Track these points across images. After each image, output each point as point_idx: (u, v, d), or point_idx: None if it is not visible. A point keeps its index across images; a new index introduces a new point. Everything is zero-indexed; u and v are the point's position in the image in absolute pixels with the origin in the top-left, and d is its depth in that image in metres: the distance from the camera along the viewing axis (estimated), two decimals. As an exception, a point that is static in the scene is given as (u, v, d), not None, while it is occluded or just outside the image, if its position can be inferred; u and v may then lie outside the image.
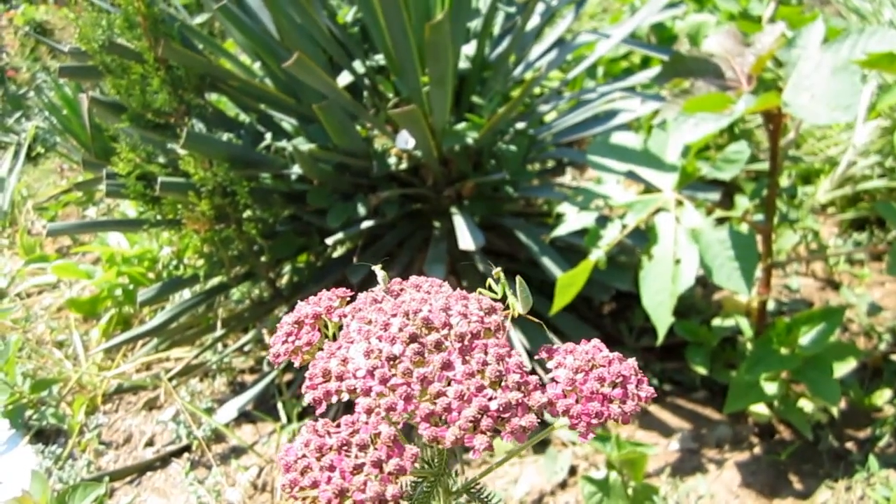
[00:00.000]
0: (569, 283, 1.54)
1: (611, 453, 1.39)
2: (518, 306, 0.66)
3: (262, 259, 1.87)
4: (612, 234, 1.64)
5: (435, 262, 1.79)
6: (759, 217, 2.05)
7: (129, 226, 2.09)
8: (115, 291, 2.45)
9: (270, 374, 2.01)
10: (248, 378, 2.16)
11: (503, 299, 0.66)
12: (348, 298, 0.66)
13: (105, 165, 1.85)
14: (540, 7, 2.06)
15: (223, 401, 2.05)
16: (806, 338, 1.56)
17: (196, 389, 2.12)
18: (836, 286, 2.17)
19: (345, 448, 0.51)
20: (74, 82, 3.43)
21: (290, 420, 1.92)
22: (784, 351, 1.58)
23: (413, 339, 0.55)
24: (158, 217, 1.82)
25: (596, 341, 0.59)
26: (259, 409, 2.00)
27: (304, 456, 0.52)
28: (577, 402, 0.55)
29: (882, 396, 1.72)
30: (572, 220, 1.67)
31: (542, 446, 1.73)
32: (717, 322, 1.89)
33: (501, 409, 0.52)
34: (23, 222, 3.28)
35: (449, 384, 0.53)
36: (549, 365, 0.59)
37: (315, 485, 0.50)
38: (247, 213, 1.81)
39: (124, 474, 1.92)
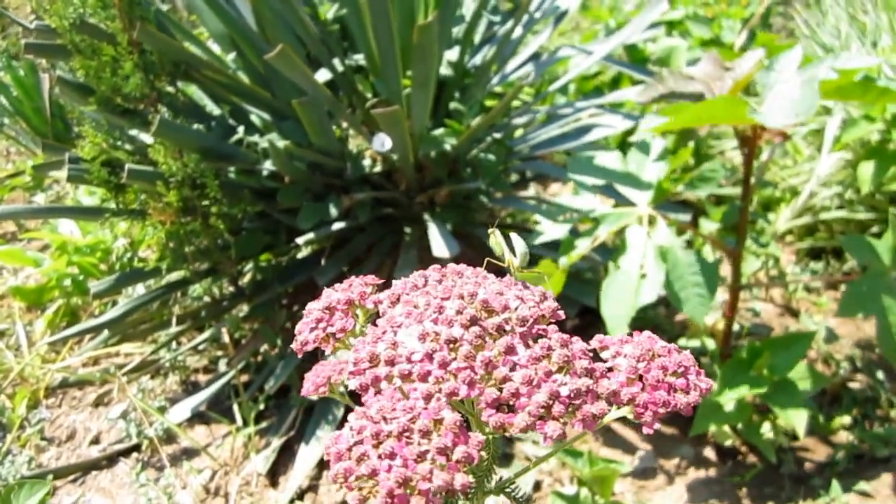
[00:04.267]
0: (544, 295, 1.52)
1: (582, 469, 1.38)
2: (515, 261, 0.65)
3: (228, 255, 1.81)
4: (583, 245, 1.64)
5: (405, 269, 1.76)
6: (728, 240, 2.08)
7: (90, 214, 2.01)
8: (63, 281, 2.35)
9: (227, 374, 1.95)
10: (202, 378, 2.09)
11: (500, 257, 0.66)
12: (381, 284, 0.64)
13: (67, 149, 1.77)
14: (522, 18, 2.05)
15: (175, 400, 1.98)
16: (775, 361, 1.58)
17: (147, 387, 2.04)
18: (794, 313, 2.21)
19: (406, 434, 0.48)
20: (27, 64, 3.31)
21: (245, 423, 1.86)
22: (753, 373, 1.59)
23: (473, 321, 0.53)
24: (121, 206, 1.75)
25: (649, 332, 0.58)
26: (213, 409, 1.94)
27: (358, 443, 0.48)
28: (642, 390, 0.53)
29: (841, 422, 1.75)
30: (548, 231, 1.66)
31: (505, 460, 1.71)
32: (682, 342, 1.90)
33: (572, 395, 0.50)
34: (-35, 205, 3.14)
35: (514, 369, 0.51)
36: (605, 355, 0.57)
37: (374, 473, 0.46)
38: (214, 209, 1.75)
39: (68, 472, 1.84)
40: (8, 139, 3.68)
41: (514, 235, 0.66)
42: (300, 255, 2.08)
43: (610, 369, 0.55)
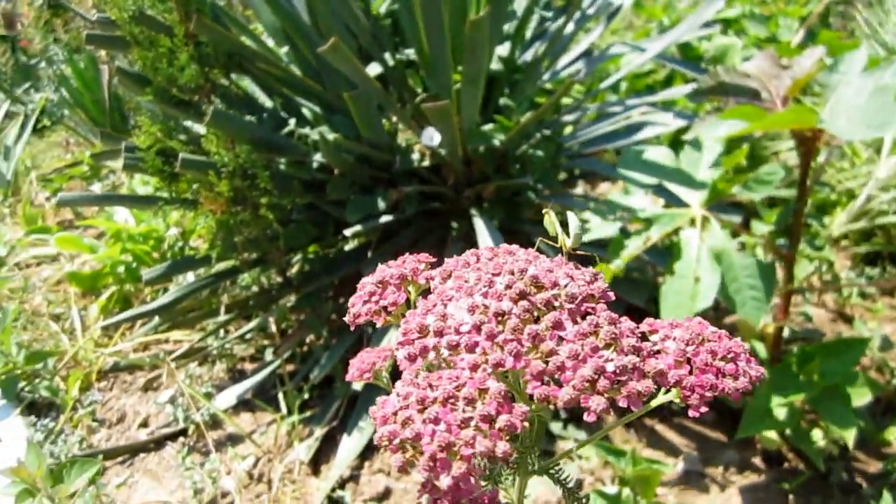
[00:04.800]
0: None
1: (625, 469, 1.36)
2: (568, 241, 0.64)
3: (276, 246, 1.83)
4: (634, 246, 1.62)
5: (451, 263, 1.76)
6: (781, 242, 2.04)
7: (144, 202, 2.05)
8: (117, 268, 2.41)
9: (272, 363, 1.97)
10: (249, 366, 2.12)
11: (555, 238, 0.65)
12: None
13: (123, 138, 1.82)
14: (574, 14, 2.04)
15: (222, 387, 2.01)
16: (826, 367, 1.54)
17: (195, 373, 2.08)
18: (847, 319, 2.15)
19: (451, 401, 0.48)
20: (88, 56, 3.40)
21: (290, 412, 1.88)
22: (803, 378, 1.55)
23: (522, 296, 0.53)
24: (174, 195, 1.79)
25: (699, 318, 0.57)
26: (259, 397, 1.97)
27: (404, 408, 0.49)
28: (690, 373, 0.53)
29: (894, 432, 1.70)
30: (597, 228, 1.65)
31: (546, 457, 1.70)
32: (730, 345, 1.86)
33: (618, 371, 0.50)
34: (26, 193, 3.24)
35: (560, 343, 0.51)
36: (654, 338, 0.56)
37: (418, 437, 0.47)
38: (264, 199, 1.78)
39: (116, 454, 1.88)
40: (67, 130, 3.79)
41: (570, 214, 0.66)
42: (347, 248, 2.10)
43: (658, 351, 0.55)
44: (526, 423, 0.47)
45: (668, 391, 0.54)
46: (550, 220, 0.65)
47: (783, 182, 2.39)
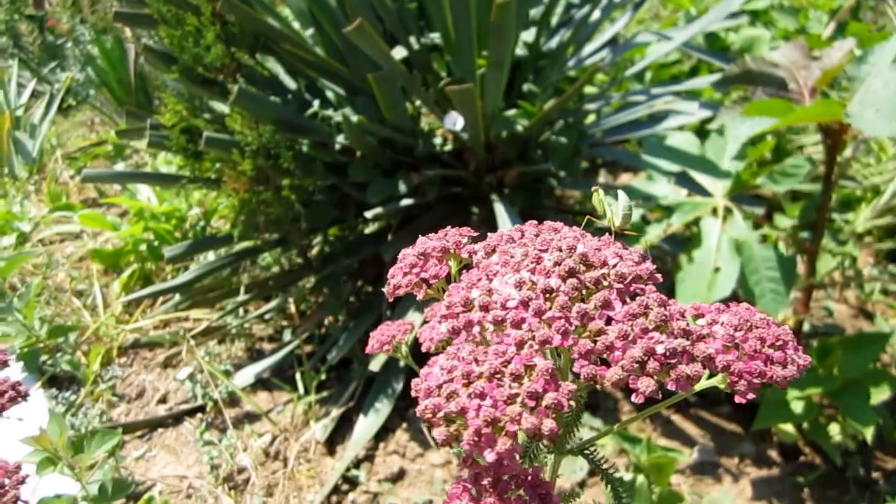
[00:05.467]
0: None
1: (640, 455, 1.36)
2: (616, 220, 0.63)
3: (298, 226, 1.84)
4: (654, 233, 1.61)
5: (471, 248, 1.76)
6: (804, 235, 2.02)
7: (167, 180, 2.07)
8: (139, 246, 2.43)
9: (291, 343, 1.99)
10: (267, 346, 2.13)
11: (601, 217, 0.63)
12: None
13: (148, 116, 1.83)
14: (601, 2, 2.02)
15: (240, 366, 2.03)
16: (846, 361, 1.53)
17: (214, 352, 2.10)
18: (868, 315, 2.13)
19: (497, 377, 0.48)
20: (114, 37, 3.42)
21: (307, 391, 1.90)
22: (822, 372, 1.54)
23: (571, 273, 0.52)
24: (197, 174, 1.80)
25: (747, 304, 0.56)
26: (276, 377, 1.98)
27: (448, 381, 0.48)
28: (738, 359, 0.52)
29: (913, 430, 1.69)
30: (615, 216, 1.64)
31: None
32: (749, 338, 1.86)
33: (668, 354, 0.49)
34: (51, 170, 3.27)
35: (609, 323, 0.50)
36: (700, 322, 0.55)
37: (463, 411, 0.46)
38: (286, 180, 1.78)
39: (135, 428, 1.91)
40: (93, 109, 3.82)
41: (620, 192, 0.64)
42: (367, 231, 2.10)
43: (706, 336, 0.54)
44: (573, 402, 0.47)
45: (711, 376, 0.53)
46: (600, 197, 0.63)
47: (808, 176, 2.37)
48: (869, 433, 1.54)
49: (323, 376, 1.92)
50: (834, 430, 1.64)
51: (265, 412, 1.88)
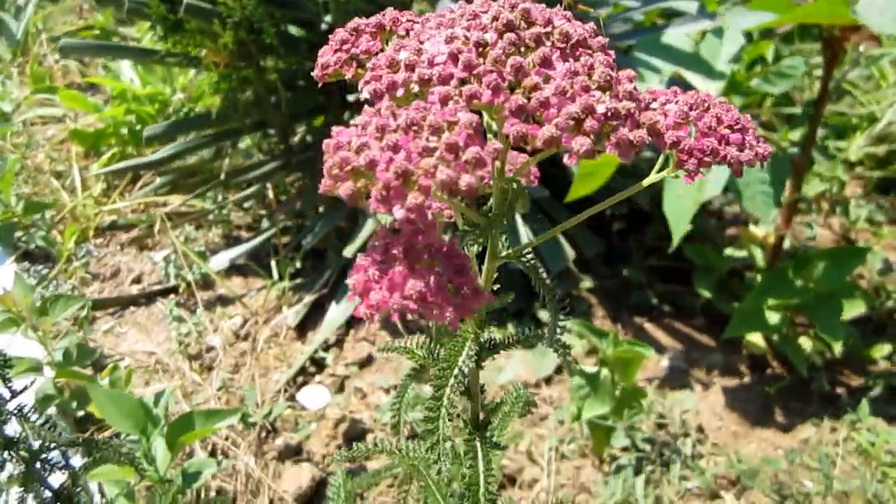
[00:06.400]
0: (590, 173, 1.48)
1: (606, 350, 1.36)
2: None
3: (280, 111, 1.80)
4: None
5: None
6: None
7: (146, 55, 2.00)
8: (120, 129, 2.38)
9: (268, 230, 1.96)
10: (244, 234, 2.11)
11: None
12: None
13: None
14: None
15: (216, 251, 2.01)
16: (823, 273, 1.52)
17: (191, 236, 2.07)
18: (851, 242, 2.12)
19: (415, 129, 0.43)
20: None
21: (281, 278, 1.88)
22: (799, 283, 1.54)
23: (509, 27, 0.47)
24: (178, 48, 1.74)
25: (712, 91, 0.52)
26: (252, 263, 1.96)
27: (360, 136, 0.44)
28: (689, 136, 0.48)
29: (881, 351, 1.69)
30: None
31: (534, 337, 1.70)
32: (729, 251, 1.84)
33: (609, 114, 0.44)
34: (35, 54, 3.18)
35: (547, 81, 0.46)
36: (655, 105, 0.51)
37: (372, 165, 0.42)
38: (269, 59, 1.73)
39: (107, 305, 1.90)
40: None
41: None
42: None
43: (655, 109, 0.50)
44: (498, 163, 0.44)
45: (661, 169, 0.50)
46: None
47: (802, 99, 2.33)
48: (837, 347, 1.54)
49: (298, 264, 1.91)
50: (804, 344, 1.64)
51: (238, 296, 1.87)
